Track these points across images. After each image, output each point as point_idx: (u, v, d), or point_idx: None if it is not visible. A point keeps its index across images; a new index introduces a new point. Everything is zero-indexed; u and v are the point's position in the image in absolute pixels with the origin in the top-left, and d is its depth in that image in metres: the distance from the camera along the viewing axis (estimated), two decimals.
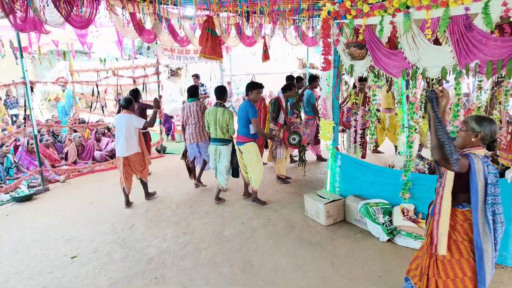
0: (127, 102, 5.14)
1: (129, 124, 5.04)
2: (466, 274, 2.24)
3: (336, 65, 4.57)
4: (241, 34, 7.66)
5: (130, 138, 5.09)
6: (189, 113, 5.62)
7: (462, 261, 2.26)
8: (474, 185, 2.15)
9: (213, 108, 4.96)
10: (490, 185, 2.14)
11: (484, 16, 3.06)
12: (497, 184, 2.18)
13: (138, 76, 9.24)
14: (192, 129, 5.62)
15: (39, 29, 5.15)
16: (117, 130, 5.19)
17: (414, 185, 3.94)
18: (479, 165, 2.13)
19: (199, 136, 5.61)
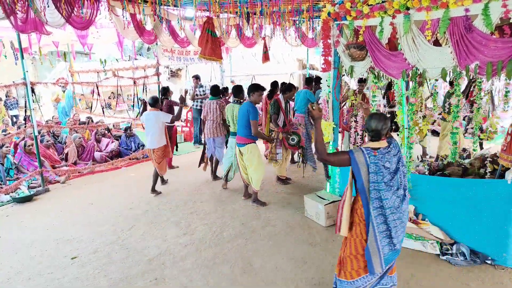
0: (154, 100, 5.62)
1: (157, 119, 5.51)
2: (358, 252, 2.56)
3: (336, 66, 4.57)
4: (241, 35, 7.67)
5: (159, 133, 5.59)
6: (209, 110, 6.08)
7: (357, 241, 2.57)
8: (357, 173, 2.48)
9: (231, 105, 5.38)
10: (371, 173, 2.43)
11: (484, 18, 3.07)
12: (379, 172, 2.42)
13: (138, 77, 9.25)
14: (210, 125, 6.08)
15: (39, 30, 5.16)
16: (146, 126, 5.64)
17: (414, 186, 3.94)
18: (359, 157, 2.46)
19: (215, 132, 6.06)
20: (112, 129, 9.35)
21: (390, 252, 2.50)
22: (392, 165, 2.46)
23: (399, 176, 2.48)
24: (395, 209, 2.46)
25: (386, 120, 2.51)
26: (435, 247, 3.66)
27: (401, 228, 2.50)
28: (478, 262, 3.44)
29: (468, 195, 3.57)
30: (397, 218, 2.47)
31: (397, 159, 2.49)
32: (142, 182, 6.54)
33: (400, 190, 2.48)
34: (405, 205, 2.51)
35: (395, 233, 2.47)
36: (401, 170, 2.50)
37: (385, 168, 2.44)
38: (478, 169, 4.15)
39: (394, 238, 2.47)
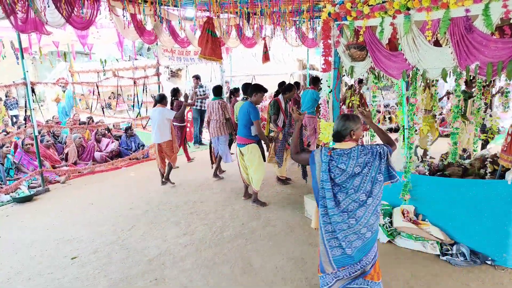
0: (161, 97, 6.09)
1: (162, 116, 5.90)
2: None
3: (336, 67, 4.57)
4: (241, 36, 7.67)
5: (163, 128, 5.96)
6: (212, 110, 6.24)
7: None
8: (312, 171, 2.52)
9: (240, 102, 5.58)
10: (322, 172, 2.43)
11: (484, 18, 3.06)
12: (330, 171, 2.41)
13: (139, 77, 9.26)
14: (214, 124, 6.23)
15: (40, 30, 5.16)
16: (152, 121, 6.08)
17: (414, 186, 3.94)
18: (317, 155, 2.47)
19: (219, 131, 6.22)
20: (112, 129, 9.35)
21: (341, 256, 2.44)
22: (349, 168, 2.38)
23: (362, 181, 2.37)
24: (345, 211, 2.40)
25: (348, 121, 2.46)
26: (435, 248, 3.66)
27: (351, 234, 2.40)
28: (478, 262, 3.43)
29: (468, 196, 3.57)
30: (343, 221, 2.39)
31: (364, 164, 2.38)
32: (142, 182, 6.54)
33: (359, 194, 2.37)
34: (362, 212, 2.38)
35: (344, 238, 2.40)
36: (369, 175, 2.37)
37: (340, 169, 2.40)
38: (478, 169, 4.15)
39: (343, 243, 2.41)
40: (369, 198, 2.39)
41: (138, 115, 9.79)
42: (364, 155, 2.40)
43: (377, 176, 2.40)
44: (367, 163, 2.39)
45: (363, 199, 2.38)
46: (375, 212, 2.42)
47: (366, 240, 2.42)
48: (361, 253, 2.43)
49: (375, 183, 2.39)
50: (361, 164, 2.38)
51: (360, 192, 2.38)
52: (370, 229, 2.41)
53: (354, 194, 2.39)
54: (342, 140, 2.48)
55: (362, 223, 2.39)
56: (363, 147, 2.44)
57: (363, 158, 2.39)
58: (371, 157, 2.39)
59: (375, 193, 2.39)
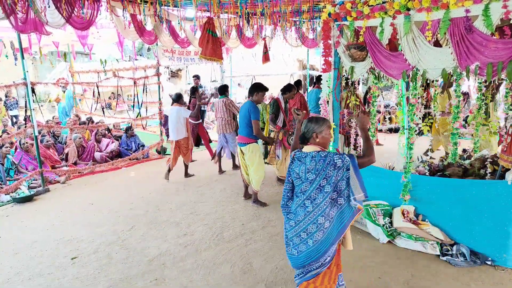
0: (178, 96, 6.53)
1: (179, 114, 6.28)
2: None
3: (336, 67, 4.57)
4: (241, 36, 7.67)
5: (179, 126, 6.32)
6: (217, 109, 6.50)
7: None
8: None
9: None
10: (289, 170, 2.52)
11: (484, 18, 3.07)
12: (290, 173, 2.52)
13: (139, 77, 9.25)
14: (219, 122, 6.49)
15: (39, 30, 5.16)
16: (170, 119, 6.43)
17: (414, 186, 3.94)
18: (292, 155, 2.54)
19: (225, 128, 6.46)
20: (112, 129, 9.36)
21: (290, 254, 2.48)
22: (301, 173, 2.40)
23: (310, 187, 2.36)
24: (294, 214, 2.45)
25: (311, 123, 2.45)
26: (435, 248, 3.66)
27: (294, 236, 2.42)
28: (478, 262, 3.44)
29: (468, 196, 3.57)
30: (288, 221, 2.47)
31: (315, 171, 2.33)
32: (142, 182, 6.54)
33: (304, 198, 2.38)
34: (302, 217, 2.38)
35: (292, 239, 2.44)
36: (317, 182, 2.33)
37: (295, 172, 2.45)
38: (478, 170, 4.15)
39: (291, 243, 2.45)
40: (310, 204, 2.36)
41: (138, 115, 9.79)
42: (315, 162, 2.34)
43: (324, 185, 2.33)
44: (317, 170, 2.33)
45: (307, 204, 2.39)
46: (315, 222, 2.34)
47: (309, 248, 2.37)
48: (302, 257, 2.40)
49: (320, 192, 2.34)
50: (311, 171, 2.35)
51: (305, 197, 2.39)
52: (311, 237, 2.36)
53: (301, 196, 2.42)
54: (307, 143, 2.48)
55: (300, 227, 2.39)
56: (319, 153, 2.36)
57: (313, 165, 2.34)
58: (323, 164, 2.32)
59: (317, 202, 2.34)
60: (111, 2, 5.39)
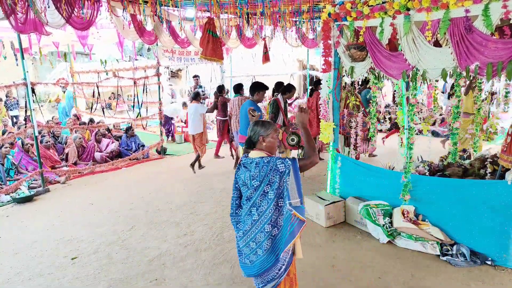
0: (196, 94, 7.16)
1: (196, 111, 6.84)
2: None
3: (336, 67, 4.58)
4: (241, 36, 7.67)
5: (196, 121, 6.82)
6: (232, 107, 6.76)
7: None
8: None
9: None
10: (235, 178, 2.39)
11: (484, 18, 3.07)
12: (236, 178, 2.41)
13: (139, 77, 9.25)
14: (234, 119, 6.76)
15: (39, 31, 5.16)
16: (188, 115, 7.05)
17: (414, 186, 3.94)
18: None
19: (238, 125, 6.54)
20: (112, 129, 9.36)
21: (243, 264, 2.38)
22: (246, 180, 2.30)
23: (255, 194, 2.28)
24: (242, 223, 2.37)
25: (257, 126, 2.39)
26: (435, 248, 3.66)
27: (244, 246, 2.33)
28: (478, 262, 3.44)
29: (468, 196, 3.57)
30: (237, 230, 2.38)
31: (260, 178, 2.24)
32: (142, 182, 6.54)
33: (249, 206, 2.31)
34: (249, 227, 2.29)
35: (242, 249, 2.36)
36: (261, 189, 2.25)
37: (241, 179, 2.35)
38: (478, 170, 4.15)
39: (242, 252, 2.36)
40: (256, 212, 2.28)
41: (138, 115, 9.78)
42: (259, 168, 2.26)
43: (268, 191, 2.25)
44: (260, 176, 2.25)
45: (253, 211, 2.30)
46: (263, 230, 2.25)
47: (260, 257, 2.28)
48: (254, 268, 2.31)
49: (264, 198, 2.26)
50: (256, 177, 2.26)
51: (251, 204, 2.30)
52: (260, 246, 2.27)
53: (247, 204, 2.33)
54: (253, 147, 2.38)
55: (249, 236, 2.31)
56: (262, 159, 2.27)
57: (256, 171, 2.26)
58: (266, 170, 2.24)
59: (262, 209, 2.26)
60: (111, 2, 5.40)
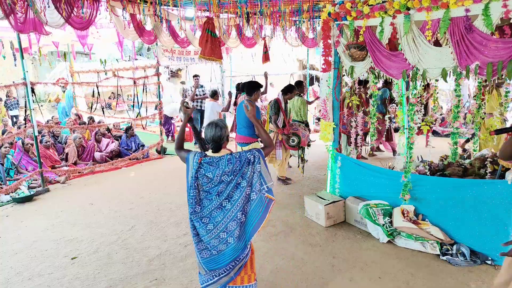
0: (213, 93, 7.87)
1: (212, 109, 7.61)
2: None
3: (336, 67, 4.57)
4: (241, 36, 7.67)
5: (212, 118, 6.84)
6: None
7: None
8: (186, 173, 2.50)
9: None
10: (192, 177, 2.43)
11: (484, 18, 3.07)
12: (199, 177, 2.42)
13: (139, 77, 9.25)
14: None
15: (39, 30, 5.15)
16: (205, 113, 7.74)
17: (414, 186, 3.94)
18: (190, 158, 2.47)
19: None
20: (112, 129, 9.35)
21: (208, 258, 2.46)
22: (216, 177, 2.39)
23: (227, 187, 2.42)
24: (207, 217, 2.44)
25: (222, 129, 2.49)
26: (435, 248, 3.66)
27: (212, 239, 2.43)
28: (478, 262, 3.44)
29: (468, 196, 3.57)
30: (202, 227, 2.44)
31: (230, 171, 2.40)
32: (142, 182, 6.54)
33: (221, 199, 2.42)
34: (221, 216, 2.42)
35: (209, 243, 2.44)
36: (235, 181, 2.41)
37: (207, 177, 2.41)
38: (478, 169, 4.15)
39: (209, 245, 2.45)
40: (229, 203, 2.42)
41: (138, 115, 9.78)
42: (232, 164, 2.40)
43: (240, 182, 2.42)
44: (234, 171, 2.40)
45: (224, 204, 2.43)
46: (235, 219, 2.41)
47: (230, 245, 2.43)
48: (227, 258, 2.44)
49: (237, 189, 2.42)
50: (228, 173, 2.40)
51: (223, 198, 2.42)
52: (231, 234, 2.41)
53: (216, 200, 2.43)
54: (220, 149, 2.51)
55: (219, 228, 2.42)
56: (232, 155, 2.43)
57: (230, 167, 2.39)
58: (239, 165, 2.41)
59: (235, 198, 2.41)
60: (110, 2, 5.39)
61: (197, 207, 2.45)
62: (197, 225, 2.46)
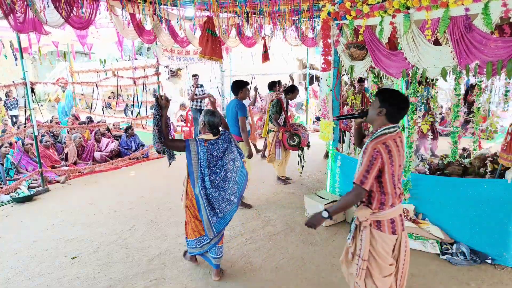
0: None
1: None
2: (196, 217, 3.31)
3: (336, 66, 4.57)
4: (241, 35, 7.66)
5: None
6: (267, 102, 7.32)
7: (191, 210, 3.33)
8: (188, 158, 3.10)
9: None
10: (200, 159, 3.06)
11: (484, 17, 3.06)
12: (205, 159, 3.07)
13: (138, 77, 9.25)
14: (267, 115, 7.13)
15: (38, 30, 5.15)
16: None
17: (414, 185, 3.94)
18: (193, 146, 3.07)
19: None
20: (112, 129, 9.35)
21: (218, 220, 3.20)
22: (219, 154, 3.13)
23: (224, 161, 3.15)
24: (216, 187, 3.13)
25: (219, 117, 3.18)
26: (435, 247, 3.66)
27: (223, 202, 3.18)
28: (478, 261, 3.44)
29: (468, 195, 3.57)
30: (218, 195, 3.14)
31: (224, 148, 3.17)
32: (142, 182, 6.54)
33: (223, 172, 3.15)
34: (227, 184, 3.17)
35: (218, 206, 3.17)
36: (228, 157, 3.17)
37: (213, 156, 3.10)
38: (478, 168, 4.15)
39: (217, 209, 3.17)
40: (228, 173, 3.20)
41: (138, 115, 9.78)
42: (225, 142, 3.20)
43: (230, 155, 3.21)
44: (226, 148, 3.19)
45: (226, 175, 3.18)
46: (235, 183, 3.23)
47: (233, 205, 3.25)
48: (229, 216, 3.25)
49: (230, 161, 3.20)
50: (223, 150, 3.17)
51: (224, 171, 3.17)
52: (236, 195, 3.24)
53: (220, 173, 3.15)
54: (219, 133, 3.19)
55: (229, 192, 3.19)
56: (224, 137, 3.21)
57: (225, 145, 3.20)
58: (227, 142, 3.22)
59: (231, 168, 3.21)
60: (110, 2, 5.38)
61: (209, 183, 3.09)
62: (215, 195, 3.13)
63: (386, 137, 2.23)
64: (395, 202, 2.31)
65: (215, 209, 3.15)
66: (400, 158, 2.27)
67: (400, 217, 2.37)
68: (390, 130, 2.27)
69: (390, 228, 2.29)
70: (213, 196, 3.12)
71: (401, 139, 2.30)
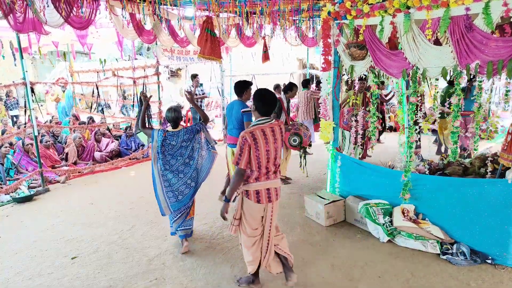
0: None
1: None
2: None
3: (336, 66, 4.56)
4: (241, 35, 7.66)
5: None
6: (301, 99, 7.89)
7: None
8: (151, 144, 3.69)
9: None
10: (159, 146, 3.65)
11: (484, 17, 3.06)
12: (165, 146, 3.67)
13: (138, 77, 9.24)
14: (301, 110, 7.93)
15: (38, 30, 5.15)
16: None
17: (414, 185, 3.94)
18: (155, 134, 3.66)
19: (304, 116, 7.96)
20: (112, 129, 9.35)
21: (175, 202, 3.75)
22: (178, 143, 3.68)
23: (188, 149, 3.75)
24: (175, 171, 3.71)
25: (179, 112, 3.80)
26: (436, 247, 3.66)
27: (181, 185, 3.74)
28: (478, 261, 3.43)
29: (469, 195, 3.57)
30: (174, 177, 3.71)
31: (187, 138, 3.72)
32: (142, 182, 6.54)
33: (185, 158, 3.74)
34: (188, 169, 3.77)
35: (177, 188, 3.73)
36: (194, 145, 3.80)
37: (171, 145, 3.67)
38: (478, 168, 4.15)
39: (176, 192, 3.73)
40: (191, 160, 3.79)
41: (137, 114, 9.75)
42: (187, 134, 3.72)
43: (195, 145, 3.81)
44: (189, 138, 3.74)
45: (187, 161, 3.77)
46: (196, 169, 3.82)
47: (192, 189, 3.81)
48: (187, 198, 3.80)
49: (194, 150, 3.81)
50: (186, 140, 3.72)
51: (185, 157, 3.75)
52: (194, 180, 3.81)
53: (181, 159, 3.73)
54: (178, 126, 3.76)
55: (187, 176, 3.76)
56: (186, 129, 3.74)
57: (187, 136, 3.72)
58: (191, 134, 3.75)
59: (194, 156, 3.81)
60: (110, 1, 5.39)
61: (167, 165, 3.68)
62: (170, 176, 3.71)
63: (255, 127, 2.81)
64: (260, 178, 2.87)
65: (174, 191, 3.72)
66: (269, 144, 2.81)
67: (267, 191, 2.92)
68: (261, 121, 2.85)
69: (255, 198, 2.90)
70: (169, 178, 3.69)
71: (272, 129, 2.84)
